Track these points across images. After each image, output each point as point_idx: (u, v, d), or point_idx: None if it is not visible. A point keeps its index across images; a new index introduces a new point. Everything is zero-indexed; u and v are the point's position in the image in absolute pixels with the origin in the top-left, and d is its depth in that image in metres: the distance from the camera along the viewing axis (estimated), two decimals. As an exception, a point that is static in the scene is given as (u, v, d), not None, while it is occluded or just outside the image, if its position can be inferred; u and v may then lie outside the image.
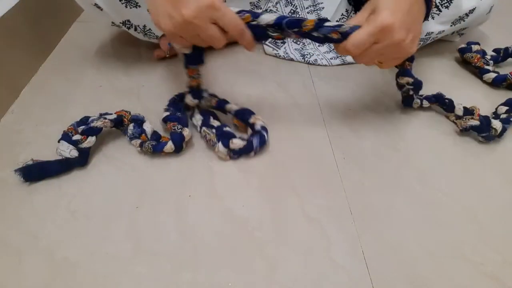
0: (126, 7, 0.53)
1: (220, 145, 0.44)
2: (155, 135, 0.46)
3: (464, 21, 0.55)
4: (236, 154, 0.45)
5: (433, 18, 0.55)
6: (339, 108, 0.53)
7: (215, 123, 0.47)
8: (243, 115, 0.47)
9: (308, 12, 0.62)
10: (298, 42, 0.63)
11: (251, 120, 0.46)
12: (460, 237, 0.37)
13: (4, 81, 0.53)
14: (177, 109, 0.48)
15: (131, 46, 0.65)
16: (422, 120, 0.51)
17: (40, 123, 0.50)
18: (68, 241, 0.37)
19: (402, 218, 0.39)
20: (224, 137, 0.44)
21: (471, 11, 0.54)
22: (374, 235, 0.37)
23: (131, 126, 0.45)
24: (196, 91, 0.47)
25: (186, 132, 0.45)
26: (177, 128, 0.45)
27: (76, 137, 0.42)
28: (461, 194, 0.41)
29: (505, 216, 0.39)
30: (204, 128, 0.46)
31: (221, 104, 0.48)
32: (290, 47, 0.63)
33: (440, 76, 0.59)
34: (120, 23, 0.57)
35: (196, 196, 0.41)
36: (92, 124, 0.43)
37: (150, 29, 0.58)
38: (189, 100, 0.47)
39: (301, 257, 0.36)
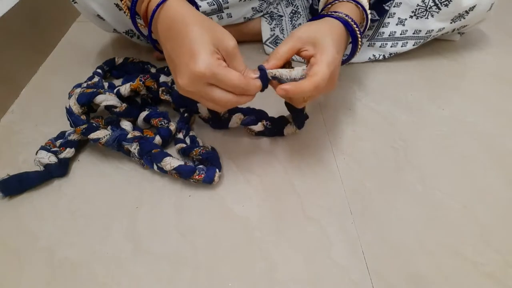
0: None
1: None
2: (138, 129, 0.47)
3: (464, 18, 0.55)
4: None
5: (432, 16, 0.55)
6: (339, 109, 0.53)
7: None
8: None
9: (310, 12, 0.62)
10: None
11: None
12: (460, 237, 0.37)
13: (4, 81, 0.53)
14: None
15: (131, 47, 0.65)
16: (422, 120, 0.51)
17: (40, 123, 0.50)
18: (68, 241, 0.37)
19: (402, 218, 0.39)
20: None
21: (471, 8, 0.54)
22: (374, 235, 0.37)
23: (109, 130, 0.44)
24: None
25: (173, 127, 0.46)
26: (164, 123, 0.46)
27: (55, 149, 0.43)
28: (461, 194, 0.41)
29: (505, 216, 0.39)
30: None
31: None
32: (290, 47, 0.63)
33: (440, 76, 0.59)
34: (123, 32, 0.57)
35: (196, 196, 0.41)
36: (69, 138, 0.44)
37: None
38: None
39: (301, 257, 0.36)
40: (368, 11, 0.41)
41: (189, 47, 0.32)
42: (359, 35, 0.40)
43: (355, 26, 0.39)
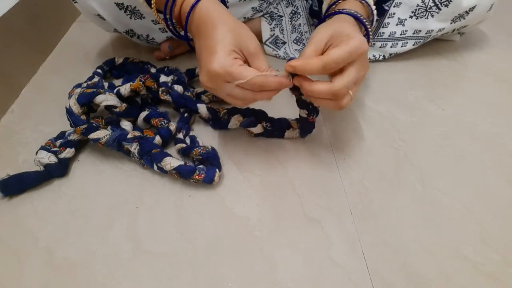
0: (130, 18, 0.53)
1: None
2: (138, 129, 0.47)
3: (464, 18, 0.55)
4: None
5: (432, 16, 0.55)
6: (339, 108, 0.52)
7: None
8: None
9: (309, 13, 0.62)
10: (299, 43, 0.63)
11: None
12: (460, 237, 0.37)
13: (4, 81, 0.53)
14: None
15: (131, 47, 0.65)
16: (422, 120, 0.51)
17: (40, 123, 0.50)
18: (68, 241, 0.37)
19: (402, 218, 0.39)
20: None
21: (471, 8, 0.54)
22: (374, 235, 0.37)
23: (109, 130, 0.44)
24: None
25: (173, 127, 0.46)
26: (164, 123, 0.46)
27: (55, 149, 0.43)
28: (461, 194, 0.41)
29: (505, 216, 0.39)
30: None
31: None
32: (290, 47, 0.63)
33: (440, 76, 0.59)
34: (123, 31, 0.57)
35: (196, 196, 0.41)
36: (69, 138, 0.44)
37: (153, 38, 0.58)
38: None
39: (301, 257, 0.36)
40: (373, 7, 0.42)
41: (210, 47, 0.35)
42: (370, 29, 0.40)
43: (364, 20, 0.39)
